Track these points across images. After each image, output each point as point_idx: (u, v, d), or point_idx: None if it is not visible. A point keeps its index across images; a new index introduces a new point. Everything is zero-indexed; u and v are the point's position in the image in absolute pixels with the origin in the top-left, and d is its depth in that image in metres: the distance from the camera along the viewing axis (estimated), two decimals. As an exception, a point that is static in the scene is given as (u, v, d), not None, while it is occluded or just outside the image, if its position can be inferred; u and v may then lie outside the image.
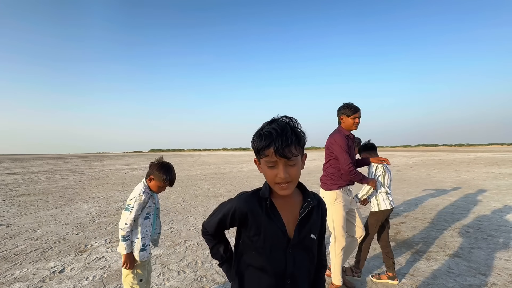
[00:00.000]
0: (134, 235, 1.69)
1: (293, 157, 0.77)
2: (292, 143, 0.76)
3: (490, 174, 10.54)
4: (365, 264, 2.62)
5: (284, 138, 0.75)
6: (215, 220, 0.95)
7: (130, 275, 1.70)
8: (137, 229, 1.69)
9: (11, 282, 2.49)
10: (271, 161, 0.78)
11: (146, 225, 1.72)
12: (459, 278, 2.45)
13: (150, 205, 1.73)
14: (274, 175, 0.79)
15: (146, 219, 1.72)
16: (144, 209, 1.69)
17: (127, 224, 1.63)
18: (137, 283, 1.71)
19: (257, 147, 0.80)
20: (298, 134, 0.80)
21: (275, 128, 0.78)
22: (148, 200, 1.70)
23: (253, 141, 0.82)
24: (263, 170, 0.83)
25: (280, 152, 0.75)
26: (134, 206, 1.64)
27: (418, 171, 12.41)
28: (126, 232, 1.63)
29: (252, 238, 0.87)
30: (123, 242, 1.64)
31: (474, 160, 19.59)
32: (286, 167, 0.78)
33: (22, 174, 14.12)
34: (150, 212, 1.74)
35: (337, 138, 2.28)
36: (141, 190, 1.69)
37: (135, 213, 1.64)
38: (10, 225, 4.47)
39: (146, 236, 1.71)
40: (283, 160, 0.77)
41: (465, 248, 3.16)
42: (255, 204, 0.87)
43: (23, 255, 3.16)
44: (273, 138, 0.76)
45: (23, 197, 7.20)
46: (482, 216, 4.55)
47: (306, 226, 0.88)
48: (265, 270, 0.85)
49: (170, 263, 2.86)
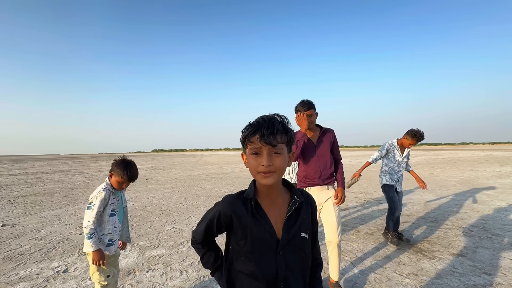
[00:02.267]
0: (101, 231, 1.75)
1: (278, 144, 0.77)
2: (278, 132, 0.77)
3: (494, 173, 10.45)
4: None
5: (270, 125, 0.76)
6: (201, 227, 0.93)
7: (97, 272, 1.74)
8: (103, 225, 1.76)
9: (15, 281, 2.51)
10: (255, 147, 0.77)
11: (113, 221, 1.79)
12: (463, 278, 2.43)
13: (114, 202, 1.79)
14: (257, 164, 0.78)
15: (112, 215, 1.78)
16: (107, 206, 1.75)
17: (90, 222, 1.67)
18: (104, 279, 1.75)
19: (244, 136, 0.80)
20: (286, 126, 0.80)
21: (263, 118, 0.79)
22: (109, 196, 1.75)
23: (242, 132, 0.82)
24: (248, 161, 0.82)
25: (265, 138, 0.75)
26: (96, 203, 1.69)
27: (421, 170, 12.33)
28: (90, 230, 1.66)
29: (239, 243, 0.84)
30: (89, 240, 1.66)
31: (478, 159, 19.43)
32: (270, 155, 0.77)
33: (26, 175, 14.23)
34: (115, 209, 1.81)
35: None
36: (101, 187, 1.75)
37: (97, 210, 1.68)
38: (14, 225, 4.50)
39: (114, 232, 1.79)
40: (268, 147, 0.76)
41: (469, 248, 3.13)
42: (240, 206, 0.84)
43: (27, 255, 3.18)
44: (260, 125, 0.77)
45: (27, 197, 7.25)
46: (487, 215, 4.51)
47: (295, 225, 0.84)
48: (256, 275, 0.82)
49: (173, 263, 2.86)
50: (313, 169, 2.30)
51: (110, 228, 1.77)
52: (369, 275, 2.52)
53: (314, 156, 2.30)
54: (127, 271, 2.67)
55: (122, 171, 1.76)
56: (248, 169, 0.83)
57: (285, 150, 0.79)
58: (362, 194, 6.70)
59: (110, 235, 1.77)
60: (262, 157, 0.77)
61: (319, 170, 2.30)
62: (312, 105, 2.25)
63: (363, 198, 6.25)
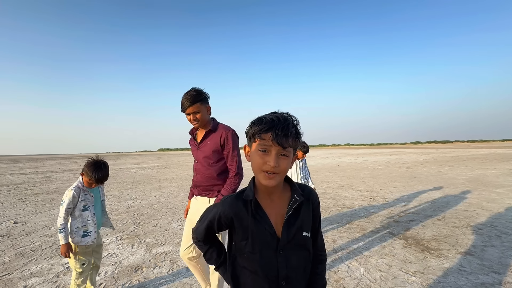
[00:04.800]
0: (75, 225, 1.90)
1: (288, 147, 0.76)
2: (291, 135, 0.76)
3: (504, 171, 10.22)
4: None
5: (285, 127, 0.75)
6: (202, 226, 0.94)
7: (73, 260, 1.92)
8: (77, 219, 1.91)
9: (27, 277, 2.59)
10: (265, 144, 0.76)
11: (86, 215, 1.94)
12: (471, 277, 2.40)
13: (85, 198, 1.94)
14: (263, 162, 0.77)
15: (85, 210, 1.94)
16: (78, 202, 1.90)
17: (61, 218, 1.84)
18: (79, 267, 1.92)
19: (255, 130, 0.78)
20: (298, 130, 0.80)
21: (278, 116, 0.78)
22: (78, 194, 1.90)
23: (251, 125, 0.81)
24: (252, 156, 0.80)
25: (279, 139, 0.74)
26: (65, 201, 1.86)
27: (429, 168, 12.15)
28: (60, 225, 1.83)
29: (240, 243, 0.85)
30: (59, 233, 1.83)
31: (488, 157, 19.02)
32: (278, 156, 0.76)
33: (36, 174, 14.57)
34: (88, 204, 1.96)
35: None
36: (72, 186, 1.91)
37: (66, 207, 1.85)
38: (26, 222, 4.63)
39: (89, 224, 1.94)
40: (278, 148, 0.75)
41: (477, 246, 3.08)
42: (240, 207, 0.84)
43: (38, 251, 3.27)
44: (275, 124, 0.75)
45: (38, 195, 7.43)
46: (496, 213, 4.42)
47: (295, 224, 0.84)
48: (258, 273, 0.83)
49: (179, 260, 2.90)
50: (194, 175, 1.91)
51: (83, 220, 1.93)
52: (374, 273, 2.51)
53: (194, 160, 1.90)
54: (135, 268, 2.72)
55: (91, 173, 1.89)
56: (250, 164, 0.82)
57: (292, 153, 0.79)
58: (368, 192, 6.65)
59: (85, 227, 1.93)
60: (269, 156, 0.76)
61: (196, 178, 1.88)
62: (197, 99, 1.73)
63: (369, 196, 6.20)
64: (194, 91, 1.75)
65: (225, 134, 1.79)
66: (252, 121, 0.81)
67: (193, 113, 1.74)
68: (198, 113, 1.75)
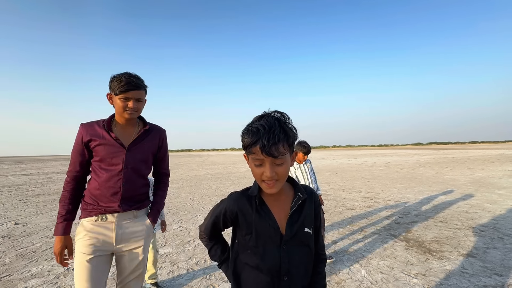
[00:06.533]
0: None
1: (280, 155, 0.74)
2: (280, 141, 0.73)
3: (506, 172, 10.18)
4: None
5: (271, 136, 0.72)
6: (209, 222, 0.96)
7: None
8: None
9: (28, 278, 2.59)
10: (257, 158, 0.75)
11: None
12: (473, 279, 2.38)
13: None
14: (260, 173, 0.77)
15: None
16: None
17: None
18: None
19: (245, 144, 0.78)
20: (287, 131, 0.77)
21: (263, 124, 0.75)
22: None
23: (242, 137, 0.80)
24: (250, 167, 0.81)
25: (267, 150, 0.72)
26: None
27: (430, 170, 12.12)
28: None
29: (244, 237, 0.87)
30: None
31: (490, 158, 18.96)
32: (273, 165, 0.76)
33: (37, 175, 14.60)
34: None
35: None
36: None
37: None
38: (26, 223, 4.63)
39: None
40: (270, 158, 0.74)
41: (479, 248, 3.06)
42: (245, 203, 0.87)
43: (39, 252, 3.27)
44: (260, 135, 0.73)
45: (39, 197, 7.44)
46: (498, 215, 4.40)
47: (298, 220, 0.86)
48: (260, 268, 0.84)
49: (180, 261, 2.90)
50: (112, 185, 1.35)
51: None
52: (376, 275, 2.49)
53: (120, 164, 1.36)
54: (135, 269, 2.72)
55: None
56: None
57: (288, 157, 0.79)
58: (369, 194, 6.63)
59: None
60: (264, 167, 0.76)
61: (124, 188, 1.36)
62: (144, 84, 1.40)
63: (370, 197, 6.18)
64: (136, 75, 1.38)
65: (163, 134, 1.55)
66: (242, 131, 0.81)
67: (137, 99, 1.36)
68: (141, 102, 1.39)
